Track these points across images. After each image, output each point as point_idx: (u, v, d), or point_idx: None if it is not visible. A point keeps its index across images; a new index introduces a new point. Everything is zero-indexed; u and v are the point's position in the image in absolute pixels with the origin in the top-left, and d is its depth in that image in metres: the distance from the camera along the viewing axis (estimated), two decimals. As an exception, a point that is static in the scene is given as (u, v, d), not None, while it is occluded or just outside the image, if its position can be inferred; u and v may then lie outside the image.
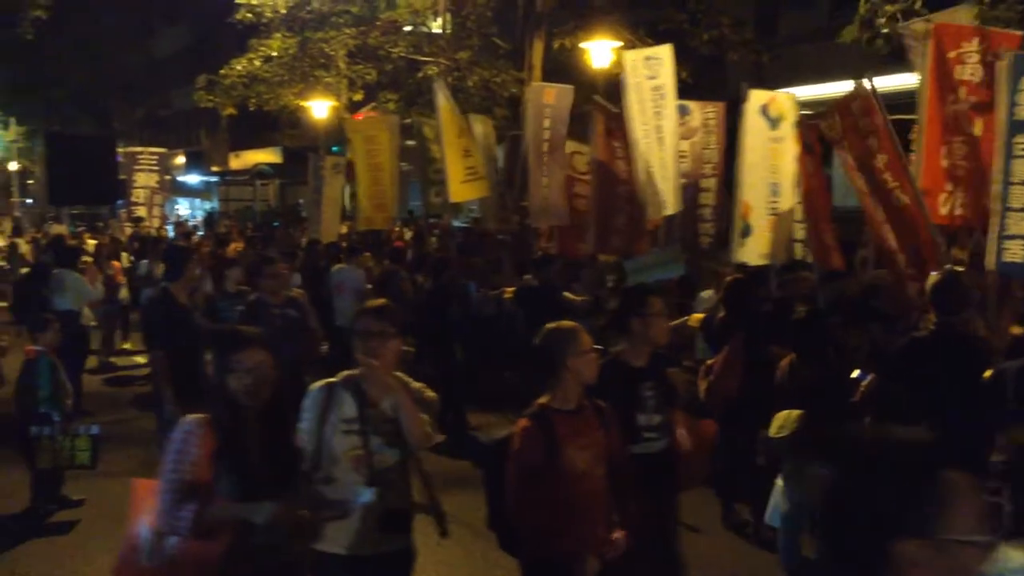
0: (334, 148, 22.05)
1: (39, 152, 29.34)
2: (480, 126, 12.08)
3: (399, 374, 3.59)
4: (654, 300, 4.43)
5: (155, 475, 6.44)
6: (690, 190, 9.12)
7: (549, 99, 10.55)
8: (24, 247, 16.01)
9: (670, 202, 8.72)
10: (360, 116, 15.78)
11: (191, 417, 3.20)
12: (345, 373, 3.55)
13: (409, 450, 3.53)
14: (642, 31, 14.77)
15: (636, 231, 9.35)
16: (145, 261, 12.70)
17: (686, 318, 7.38)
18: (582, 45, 13.43)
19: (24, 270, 12.62)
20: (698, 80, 13.10)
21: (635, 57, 8.96)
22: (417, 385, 3.67)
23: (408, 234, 16.10)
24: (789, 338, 5.42)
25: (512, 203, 12.21)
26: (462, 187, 11.00)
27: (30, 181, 38.57)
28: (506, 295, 9.20)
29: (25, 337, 8.19)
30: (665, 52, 8.90)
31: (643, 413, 4.21)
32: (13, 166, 35.67)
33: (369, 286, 9.77)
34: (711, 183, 9.29)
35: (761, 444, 5.29)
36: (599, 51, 12.67)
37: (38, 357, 6.71)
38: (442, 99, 10.77)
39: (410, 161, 15.56)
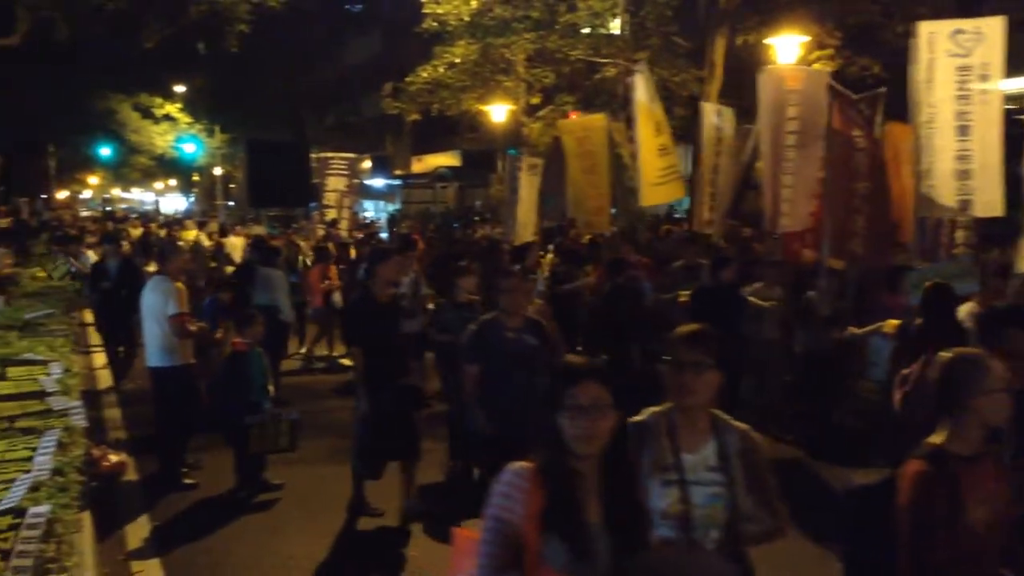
0: (511, 151, 22.43)
1: (240, 158, 31.50)
2: None
3: (719, 412, 3.09)
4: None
5: (345, 462, 6.88)
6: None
7: (794, 83, 8.99)
8: (237, 243, 17.07)
9: (992, 201, 7.62)
10: (573, 115, 15.80)
11: (515, 466, 2.68)
12: (654, 410, 3.08)
13: (739, 512, 2.97)
14: (830, 24, 14.19)
15: (880, 235, 8.45)
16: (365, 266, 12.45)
17: (880, 324, 7.03)
18: (766, 41, 13.04)
19: (229, 268, 13.42)
20: (892, 75, 12.42)
21: (935, 30, 7.79)
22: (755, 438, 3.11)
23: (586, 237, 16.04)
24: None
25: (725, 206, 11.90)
26: (655, 190, 10.75)
27: (232, 185, 41.46)
28: (681, 298, 9.04)
29: (230, 331, 8.84)
30: (993, 25, 7.69)
31: None
32: (217, 171, 38.40)
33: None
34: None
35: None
36: (785, 47, 12.26)
37: (248, 350, 7.20)
38: (640, 92, 10.40)
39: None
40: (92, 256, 12.57)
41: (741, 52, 14.82)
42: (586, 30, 16.72)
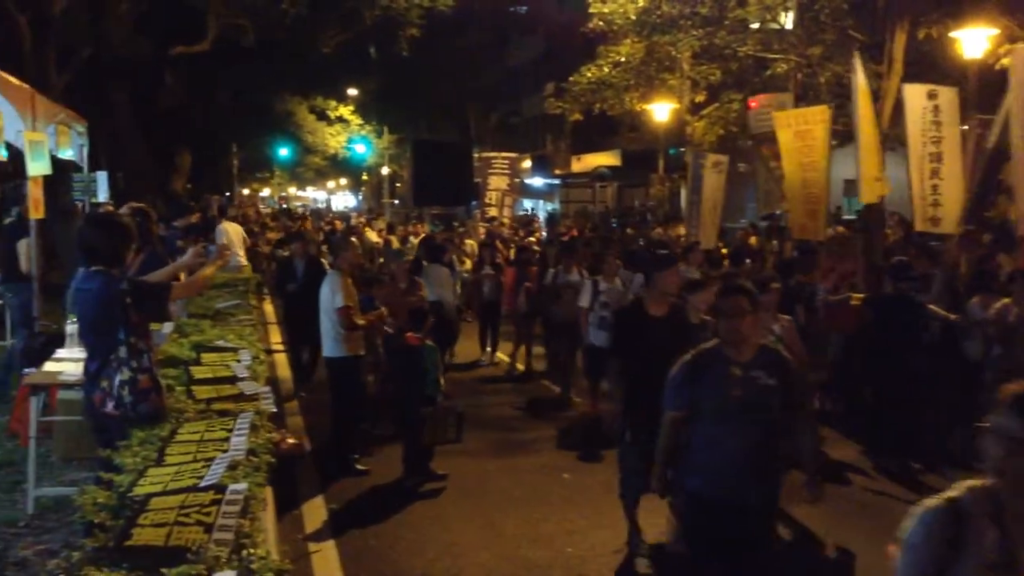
0: (672, 150, 22.14)
1: (406, 157, 32.50)
2: None
3: None
4: None
5: (507, 456, 7.01)
6: None
7: None
8: (396, 243, 17.70)
9: None
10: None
11: (931, 504, 2.37)
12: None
13: None
14: (1021, 16, 13.19)
15: None
16: (553, 270, 10.78)
17: None
18: (951, 34, 12.27)
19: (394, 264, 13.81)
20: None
21: None
22: None
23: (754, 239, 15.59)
24: None
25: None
26: (874, 185, 10.18)
27: (398, 184, 42.85)
28: (853, 301, 8.65)
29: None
30: None
31: None
32: (385, 171, 39.77)
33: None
34: None
35: None
36: (972, 40, 11.49)
37: (421, 344, 7.43)
38: (860, 77, 9.76)
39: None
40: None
41: (923, 46, 14.00)
42: (755, 25, 16.25)
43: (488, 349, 12.26)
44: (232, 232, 13.36)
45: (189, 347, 5.53)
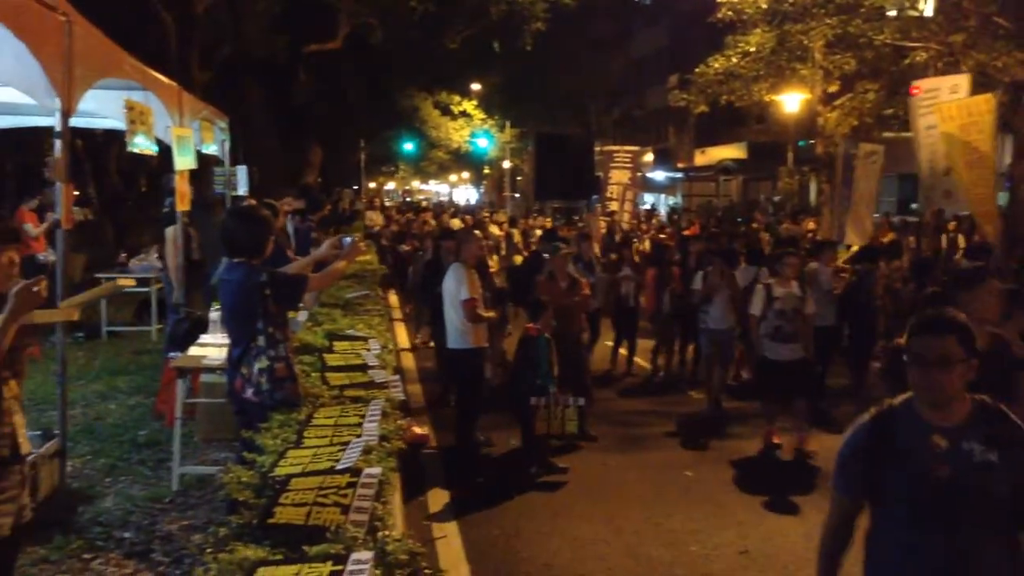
0: (801, 142, 21.49)
1: (528, 151, 32.70)
2: None
3: None
4: None
5: (629, 451, 6.98)
6: None
7: None
8: (518, 237, 17.81)
9: None
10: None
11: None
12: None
13: None
14: None
15: None
16: (702, 271, 9.54)
17: None
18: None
19: (518, 258, 13.90)
20: None
21: None
22: None
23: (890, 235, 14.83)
24: None
25: None
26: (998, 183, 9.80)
27: (519, 178, 43.15)
28: None
29: (522, 317, 9.23)
30: None
31: None
32: (506, 164, 40.09)
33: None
34: None
35: None
36: None
37: (538, 336, 7.49)
38: None
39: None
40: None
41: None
42: (893, 12, 15.60)
43: (624, 355, 11.28)
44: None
45: (322, 335, 5.73)
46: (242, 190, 11.57)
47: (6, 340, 3.09)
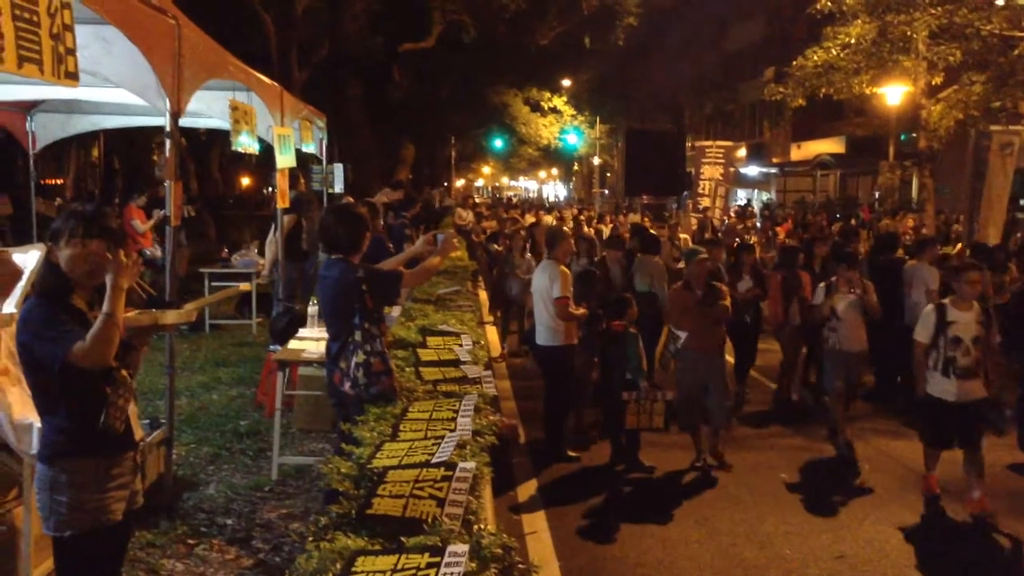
0: (903, 136, 20.79)
1: (618, 148, 32.48)
2: None
3: None
4: None
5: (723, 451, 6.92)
6: None
7: None
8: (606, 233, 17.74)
9: None
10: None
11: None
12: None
13: None
14: None
15: None
16: (822, 285, 8.23)
17: None
18: None
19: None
20: None
21: None
22: None
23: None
24: None
25: None
26: None
27: (608, 174, 42.94)
28: None
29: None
30: None
31: None
32: (596, 161, 39.92)
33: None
34: None
35: None
36: None
37: (624, 331, 7.46)
38: None
39: None
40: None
41: None
42: (1001, 2, 14.95)
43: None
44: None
45: (416, 330, 5.81)
46: (338, 187, 11.84)
47: (119, 309, 3.20)
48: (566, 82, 35.88)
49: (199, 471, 6.46)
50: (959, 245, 12.02)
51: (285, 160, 8.16)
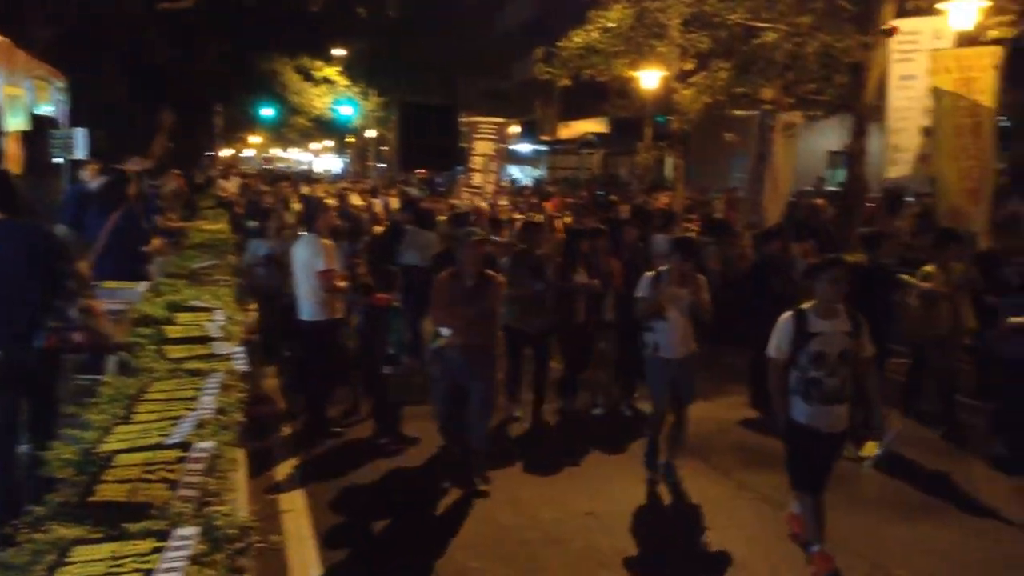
0: (659, 118, 22.06)
1: (393, 121, 32.20)
2: None
3: None
4: None
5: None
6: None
7: None
8: (379, 207, 17.61)
9: None
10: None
11: None
12: None
13: None
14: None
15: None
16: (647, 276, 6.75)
17: None
18: (939, 5, 12.23)
19: (378, 228, 13.68)
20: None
21: None
22: None
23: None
24: None
25: None
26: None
27: (383, 147, 42.56)
28: None
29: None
30: None
31: None
32: (371, 133, 39.45)
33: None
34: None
35: None
36: (959, 11, 11.44)
37: (387, 305, 7.43)
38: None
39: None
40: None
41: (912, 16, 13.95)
42: (745, -9, 16.11)
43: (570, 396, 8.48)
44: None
45: (163, 306, 5.50)
46: (80, 153, 10.93)
47: None
48: (339, 52, 35.13)
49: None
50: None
51: (15, 123, 7.44)
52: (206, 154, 36.85)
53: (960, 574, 5.27)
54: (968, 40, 10.32)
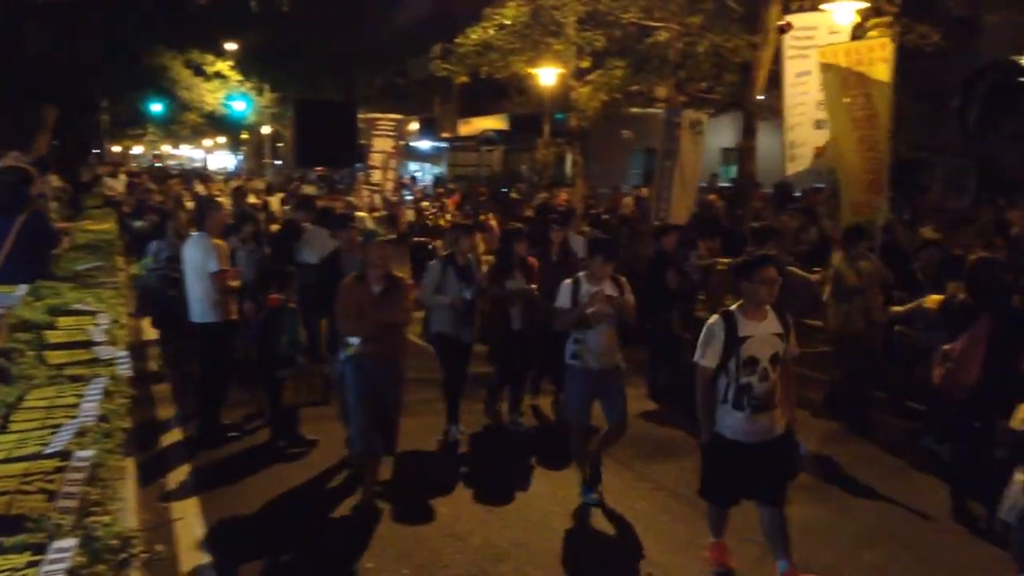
0: (558, 115, 22.27)
1: (289, 117, 31.57)
2: None
3: None
4: None
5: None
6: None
7: None
8: (275, 205, 17.33)
9: None
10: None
11: None
12: None
13: None
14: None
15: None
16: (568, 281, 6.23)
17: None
18: (822, 7, 12.71)
19: (275, 226, 13.41)
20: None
21: None
22: None
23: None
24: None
25: None
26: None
27: (280, 144, 41.74)
28: (720, 266, 9.08)
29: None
30: None
31: None
32: (266, 130, 38.62)
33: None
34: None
35: (1002, 436, 4.93)
36: (841, 13, 11.92)
37: (282, 305, 7.29)
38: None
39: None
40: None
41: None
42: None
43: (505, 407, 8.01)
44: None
45: (44, 310, 5.27)
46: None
47: None
48: (231, 46, 34.24)
49: None
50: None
51: None
52: (93, 151, 35.41)
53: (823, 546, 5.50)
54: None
